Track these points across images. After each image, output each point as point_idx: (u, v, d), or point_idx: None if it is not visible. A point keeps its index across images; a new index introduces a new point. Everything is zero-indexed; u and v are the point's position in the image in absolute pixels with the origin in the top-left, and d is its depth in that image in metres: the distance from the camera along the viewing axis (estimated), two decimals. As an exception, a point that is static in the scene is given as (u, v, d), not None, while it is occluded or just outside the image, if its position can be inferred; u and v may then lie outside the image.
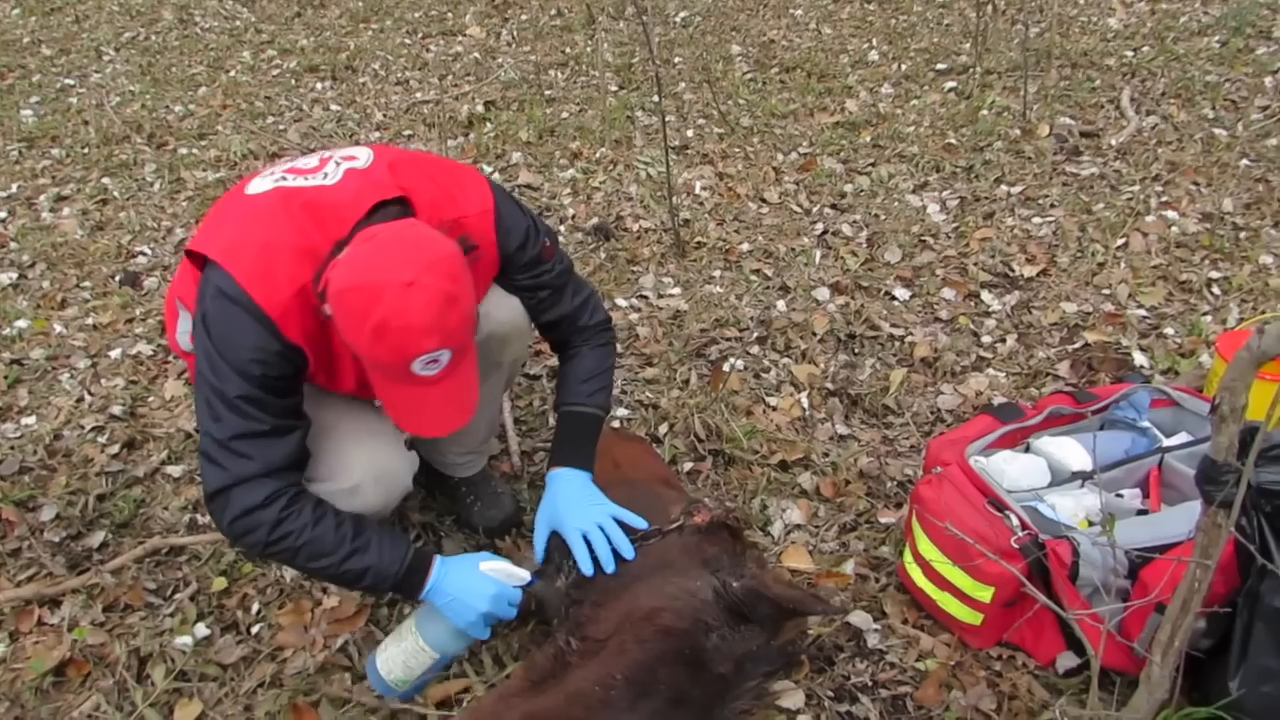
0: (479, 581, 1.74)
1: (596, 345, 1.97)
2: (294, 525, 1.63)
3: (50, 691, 1.89)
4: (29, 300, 3.15)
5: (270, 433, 1.63)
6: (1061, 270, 3.11)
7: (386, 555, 1.69)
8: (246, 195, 1.69)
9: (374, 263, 1.47)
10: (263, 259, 1.58)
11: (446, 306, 1.47)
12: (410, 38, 5.41)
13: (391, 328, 1.45)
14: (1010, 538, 1.76)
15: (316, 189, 1.64)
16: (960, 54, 4.83)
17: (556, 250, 1.93)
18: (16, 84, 4.90)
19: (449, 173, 1.80)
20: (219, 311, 1.58)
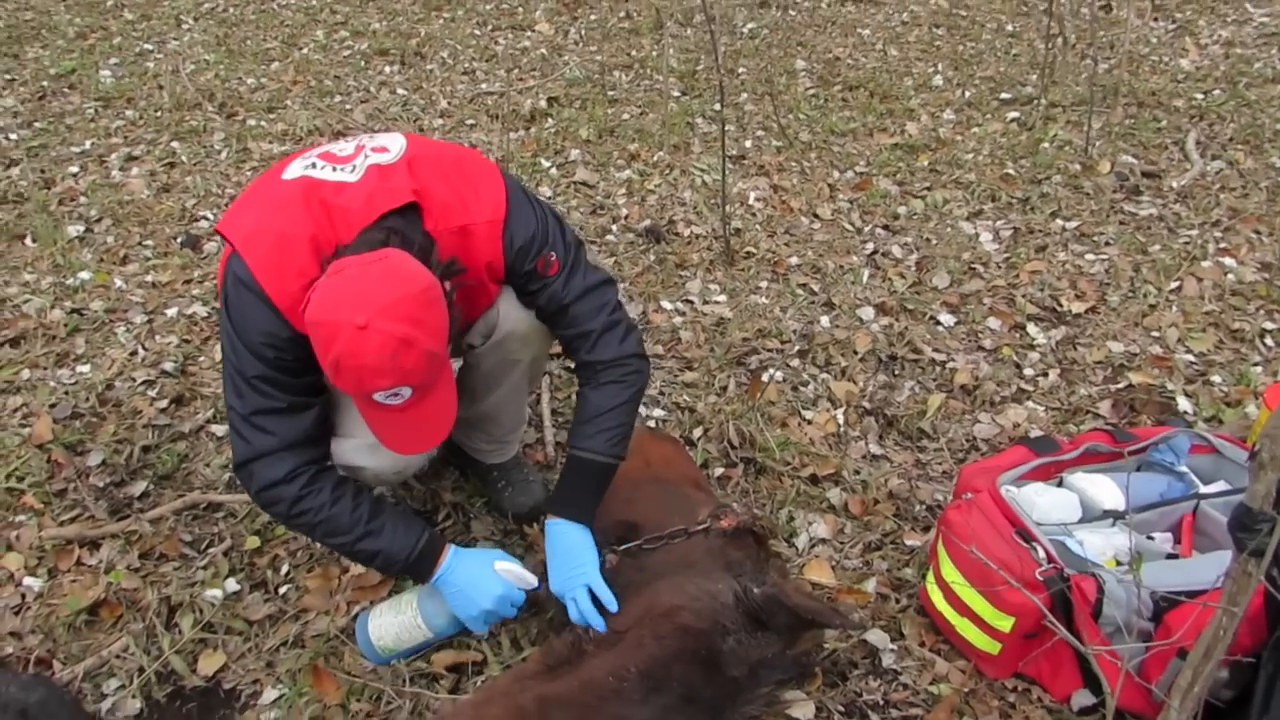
0: (488, 580, 1.79)
1: (602, 384, 1.85)
2: (313, 503, 1.71)
3: (82, 629, 1.95)
4: (93, 253, 3.23)
5: (287, 410, 1.70)
6: (1111, 309, 3.08)
7: (399, 540, 1.76)
8: (279, 180, 1.73)
9: (335, 300, 1.50)
10: (276, 251, 1.63)
11: (400, 349, 1.49)
12: (480, 29, 5.46)
13: (345, 367, 1.50)
14: (1036, 569, 1.76)
15: (337, 186, 1.67)
16: (1026, 85, 4.79)
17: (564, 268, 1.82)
18: (98, 45, 5.01)
19: (467, 176, 1.79)
20: (236, 296, 1.65)
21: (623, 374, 1.86)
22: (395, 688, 1.83)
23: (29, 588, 2.03)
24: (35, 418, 2.47)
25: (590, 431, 1.85)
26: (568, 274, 1.83)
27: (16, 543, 2.13)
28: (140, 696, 1.84)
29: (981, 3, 6.19)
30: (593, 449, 1.84)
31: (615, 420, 1.85)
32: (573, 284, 1.83)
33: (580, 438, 1.86)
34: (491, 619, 1.83)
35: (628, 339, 1.87)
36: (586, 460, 1.85)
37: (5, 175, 3.68)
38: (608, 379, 1.85)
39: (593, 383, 1.87)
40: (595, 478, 1.88)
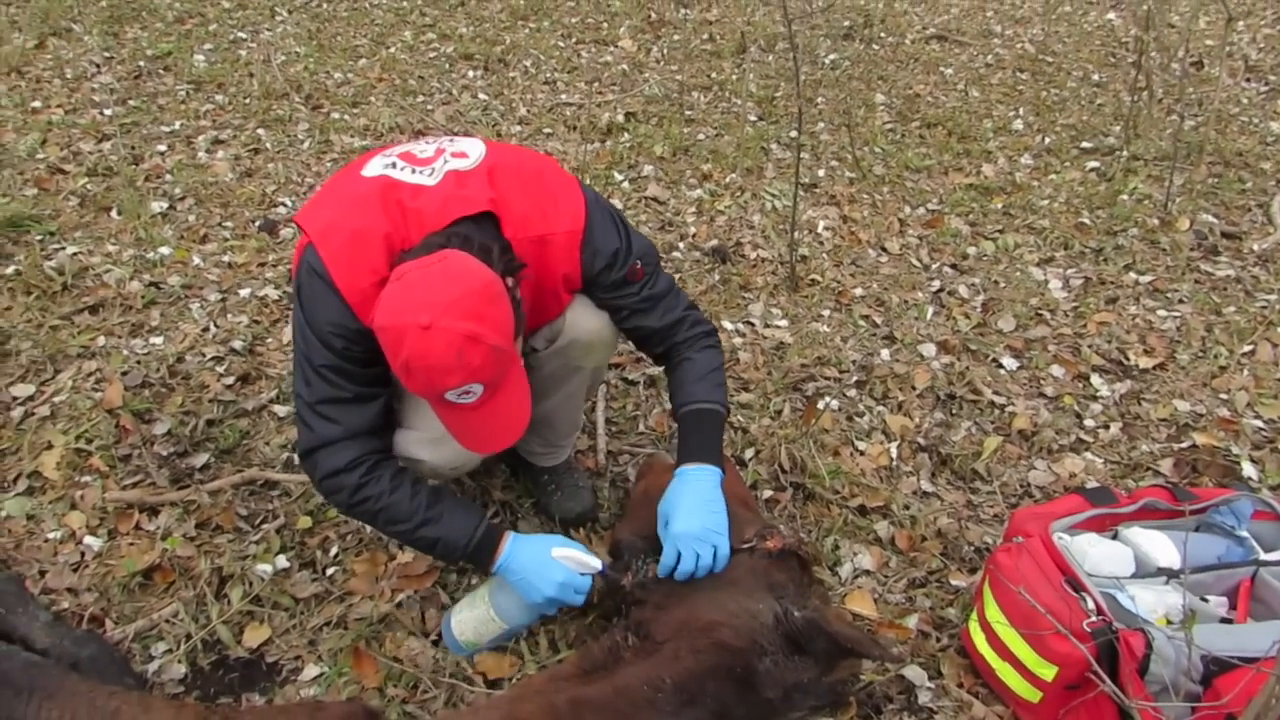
0: (548, 566, 1.79)
1: (704, 348, 1.95)
2: (373, 491, 1.74)
3: (136, 591, 2.01)
4: (174, 230, 3.32)
5: (353, 400, 1.74)
6: (1180, 367, 3.03)
7: (458, 529, 1.78)
8: (359, 176, 1.77)
9: (398, 304, 1.54)
10: (350, 247, 1.67)
11: (466, 346, 1.51)
12: (564, 41, 5.53)
13: (414, 368, 1.53)
14: (1084, 620, 1.73)
15: (415, 188, 1.71)
16: (1108, 136, 4.74)
17: (649, 272, 1.91)
18: (194, 30, 5.16)
19: (547, 187, 1.82)
20: (309, 286, 1.69)
21: (715, 342, 1.99)
22: (432, 677, 1.86)
23: (89, 547, 2.09)
24: (107, 384, 2.54)
25: (706, 386, 1.92)
26: (654, 275, 1.92)
27: (80, 502, 2.20)
28: (186, 662, 1.88)
29: (1069, 51, 6.14)
30: (714, 399, 1.92)
31: (720, 377, 1.95)
32: (659, 282, 1.94)
33: (696, 393, 1.92)
34: (557, 604, 1.83)
35: (705, 318, 2.01)
36: (709, 410, 1.91)
37: (97, 149, 3.80)
38: (705, 345, 1.96)
39: (694, 347, 1.95)
40: (717, 427, 1.92)
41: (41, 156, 3.69)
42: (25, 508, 2.16)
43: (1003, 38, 6.35)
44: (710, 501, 1.83)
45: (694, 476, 1.86)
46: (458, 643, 1.89)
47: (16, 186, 3.46)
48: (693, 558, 1.78)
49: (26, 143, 3.73)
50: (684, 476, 1.86)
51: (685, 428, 1.93)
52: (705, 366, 1.94)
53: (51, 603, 1.95)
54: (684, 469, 1.87)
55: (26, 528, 2.13)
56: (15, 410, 2.45)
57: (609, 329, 1.96)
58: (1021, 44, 6.22)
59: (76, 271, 2.99)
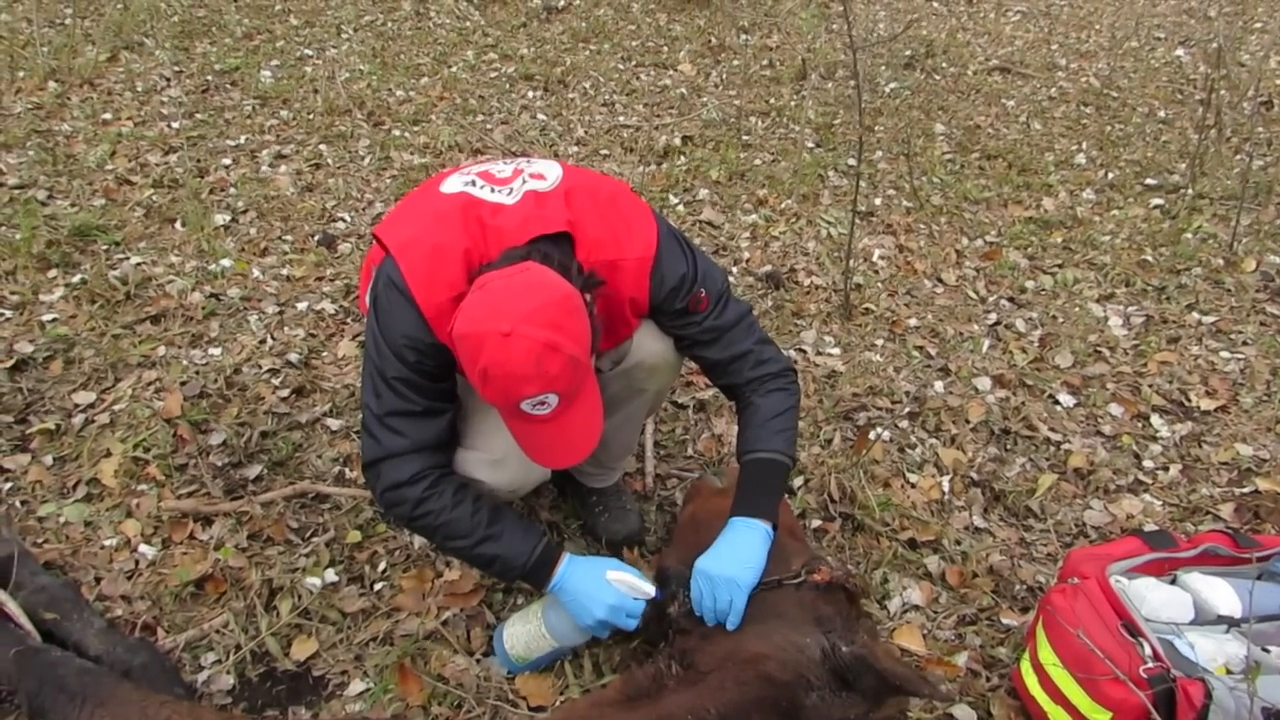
0: (601, 589, 1.79)
1: (771, 391, 1.91)
2: (435, 505, 1.74)
3: (188, 601, 2.03)
4: (236, 243, 3.38)
5: (422, 413, 1.75)
6: (1243, 410, 2.96)
7: (516, 547, 1.78)
8: (438, 192, 1.79)
9: (480, 312, 1.54)
10: (430, 261, 1.68)
11: (545, 354, 1.51)
12: (624, 64, 5.57)
13: (493, 375, 1.53)
14: (1140, 666, 1.69)
15: (494, 206, 1.73)
16: (1174, 173, 4.66)
17: (714, 302, 1.89)
18: (262, 46, 5.27)
19: (621, 212, 1.82)
20: (387, 299, 1.71)
21: (786, 383, 1.94)
22: (476, 696, 1.85)
23: (143, 555, 2.12)
24: (167, 393, 2.58)
25: (769, 433, 1.88)
26: (721, 306, 1.89)
27: (136, 510, 2.23)
28: (234, 673, 1.90)
29: (1135, 86, 6.06)
30: (775, 448, 1.88)
31: (788, 422, 1.91)
32: (727, 314, 1.90)
33: (759, 440, 1.88)
34: (608, 627, 1.83)
35: (780, 354, 1.96)
36: (769, 460, 1.88)
37: (164, 161, 3.88)
38: (774, 387, 1.92)
39: (760, 391, 1.91)
40: (777, 477, 1.89)
41: (110, 168, 3.78)
42: (83, 514, 2.20)
43: (1067, 71, 6.28)
44: (745, 556, 1.80)
45: (741, 529, 1.83)
46: (508, 656, 1.89)
47: (85, 196, 3.55)
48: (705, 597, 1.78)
49: (96, 154, 3.83)
50: (733, 527, 1.84)
51: (744, 477, 1.90)
52: (771, 410, 1.91)
53: (106, 609, 1.98)
54: (734, 520, 1.85)
55: (84, 534, 2.17)
56: (76, 417, 2.50)
57: (674, 354, 1.96)
58: (1086, 78, 6.15)
59: (140, 281, 3.05)
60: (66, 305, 2.91)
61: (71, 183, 3.63)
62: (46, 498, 2.23)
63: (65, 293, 2.96)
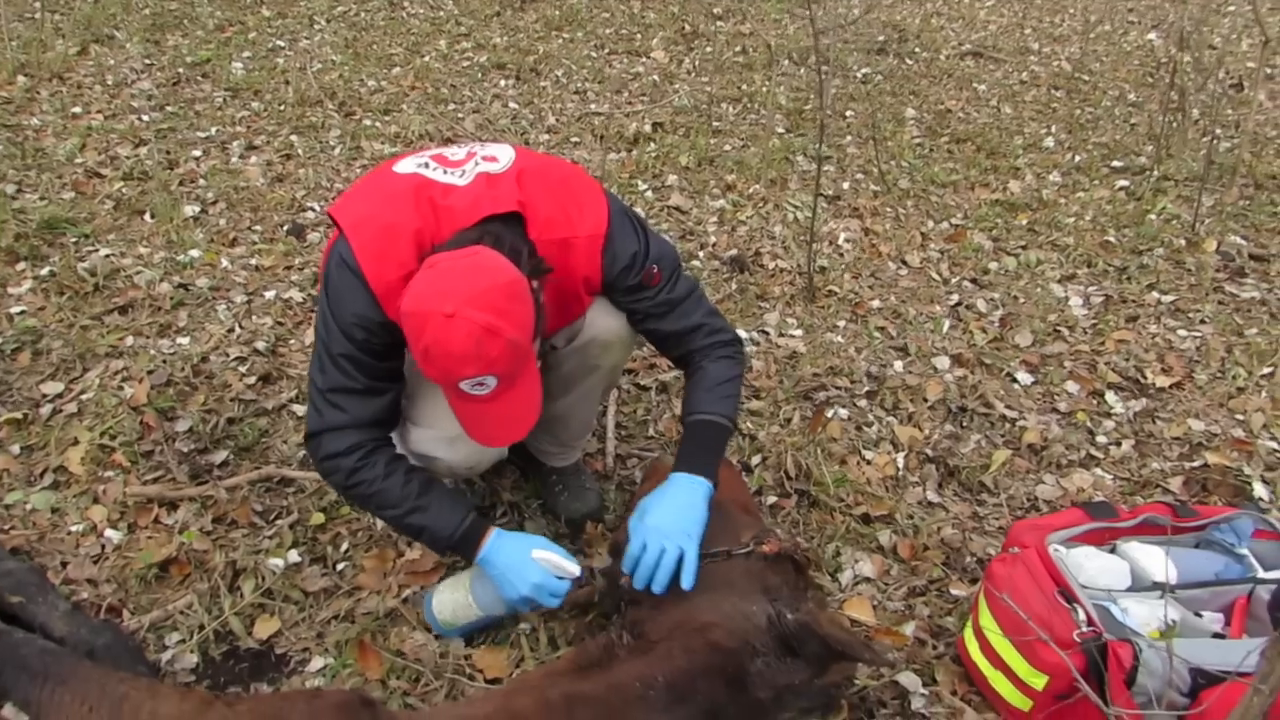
0: (526, 566, 1.84)
1: (719, 358, 1.98)
2: (367, 475, 1.81)
3: (152, 583, 2.07)
4: (205, 233, 3.41)
5: (364, 391, 1.80)
6: (1197, 387, 3.02)
7: (444, 519, 1.83)
8: (392, 173, 1.83)
9: (426, 291, 1.59)
10: (380, 240, 1.73)
11: (485, 337, 1.56)
12: (597, 51, 5.60)
13: (434, 354, 1.58)
14: (1074, 630, 1.75)
15: (446, 187, 1.77)
16: (1140, 155, 4.72)
17: (666, 276, 1.94)
18: (234, 38, 5.29)
19: (573, 192, 1.87)
20: (338, 277, 1.75)
21: (733, 352, 2.01)
22: (434, 670, 1.90)
23: (109, 540, 2.16)
24: (134, 382, 2.62)
25: (714, 398, 1.95)
26: (673, 281, 1.95)
27: (103, 496, 2.27)
28: (198, 652, 1.94)
29: (1106, 70, 6.12)
30: (719, 411, 1.95)
31: (732, 389, 1.98)
32: (678, 288, 1.96)
33: (704, 404, 1.95)
34: (532, 604, 1.87)
35: (728, 325, 2.03)
36: (711, 422, 1.95)
37: (134, 154, 3.91)
38: (721, 355, 1.99)
39: (709, 358, 1.98)
40: (718, 439, 1.96)
41: (80, 161, 3.80)
42: (50, 501, 2.23)
43: (1039, 55, 6.34)
44: (690, 506, 1.86)
45: (682, 483, 1.89)
46: (437, 622, 1.95)
47: (54, 190, 3.57)
48: (657, 551, 1.80)
49: (66, 147, 3.85)
50: (673, 481, 1.90)
51: (686, 437, 1.96)
52: (717, 377, 1.97)
53: (72, 593, 2.02)
54: (675, 476, 1.91)
55: (51, 520, 2.20)
56: (44, 407, 2.53)
57: (627, 329, 2.01)
58: (1058, 62, 6.21)
59: (109, 273, 3.08)
60: (35, 297, 2.94)
61: (40, 176, 3.65)
62: (14, 486, 2.27)
63: (34, 285, 2.99)
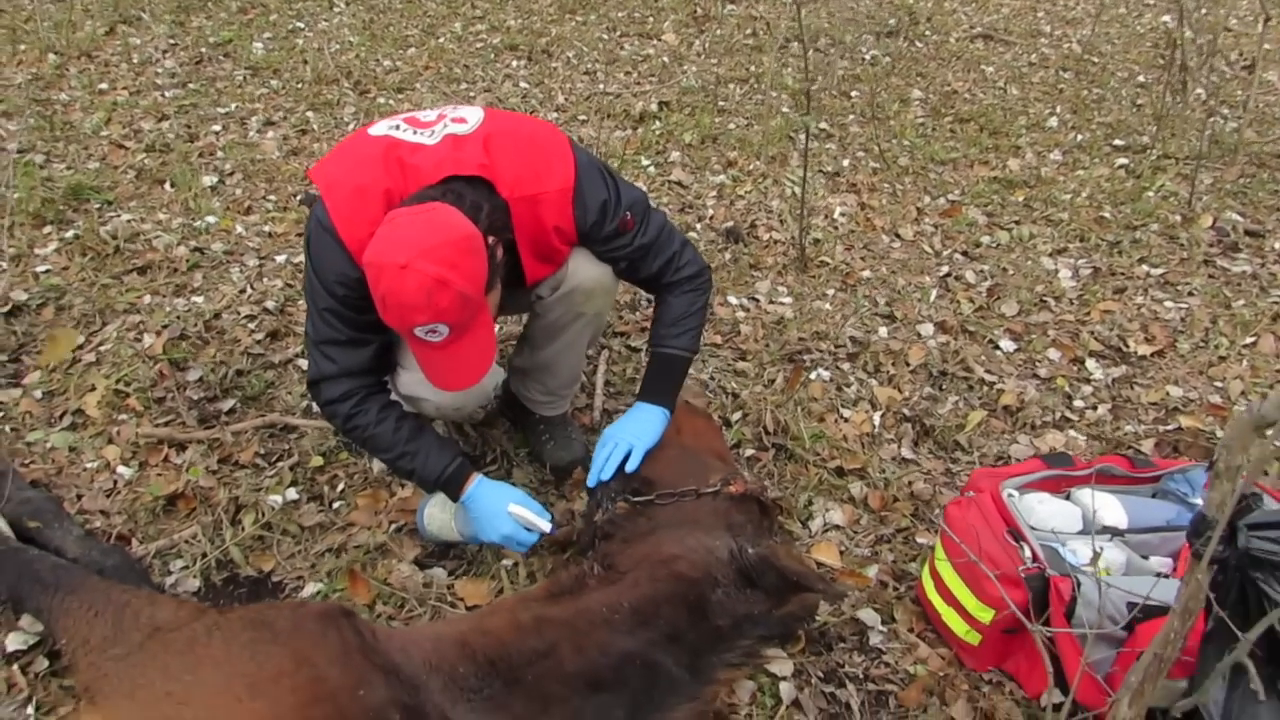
0: (499, 517, 1.99)
1: (684, 292, 2.14)
2: (360, 421, 1.97)
3: (160, 515, 2.22)
4: (221, 202, 3.55)
5: (348, 342, 1.95)
6: (1179, 356, 3.09)
7: (431, 464, 1.99)
8: (367, 135, 1.96)
9: (382, 244, 1.72)
10: (352, 200, 1.86)
11: (435, 289, 1.68)
12: (609, 34, 5.70)
13: (389, 303, 1.72)
14: (1019, 566, 1.85)
15: (414, 147, 1.89)
16: (1143, 135, 4.77)
17: (639, 220, 2.07)
18: (255, 19, 5.43)
19: (540, 149, 1.98)
20: (317, 236, 1.90)
21: (700, 284, 2.17)
22: (419, 597, 2.03)
23: (121, 475, 2.30)
24: (150, 335, 2.76)
25: (677, 332, 2.15)
26: (645, 223, 2.08)
27: (117, 437, 2.41)
28: (200, 577, 2.07)
29: (1117, 52, 6.15)
30: (680, 345, 2.16)
31: (696, 321, 2.17)
32: (650, 228, 2.09)
33: (667, 338, 2.16)
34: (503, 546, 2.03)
35: (696, 255, 2.17)
36: (673, 355, 2.17)
37: (156, 127, 4.05)
38: (688, 289, 2.15)
39: (675, 291, 2.15)
40: (679, 370, 2.19)
41: (105, 134, 3.95)
42: (68, 441, 2.38)
43: (1050, 38, 6.37)
44: (644, 422, 2.15)
45: (642, 408, 2.18)
46: (425, 530, 2.14)
47: (80, 160, 3.73)
48: (609, 448, 2.10)
49: (92, 121, 4.00)
50: (635, 407, 2.18)
51: (650, 368, 2.20)
52: (683, 310, 2.15)
53: (85, 522, 2.15)
54: (638, 404, 2.18)
55: (68, 458, 2.34)
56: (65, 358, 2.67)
57: (609, 276, 2.13)
58: (1069, 44, 6.24)
59: (129, 236, 3.22)
60: (59, 258, 3.09)
61: (68, 147, 3.81)
62: (35, 426, 2.41)
63: (59, 246, 3.14)
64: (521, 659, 1.69)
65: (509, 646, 1.70)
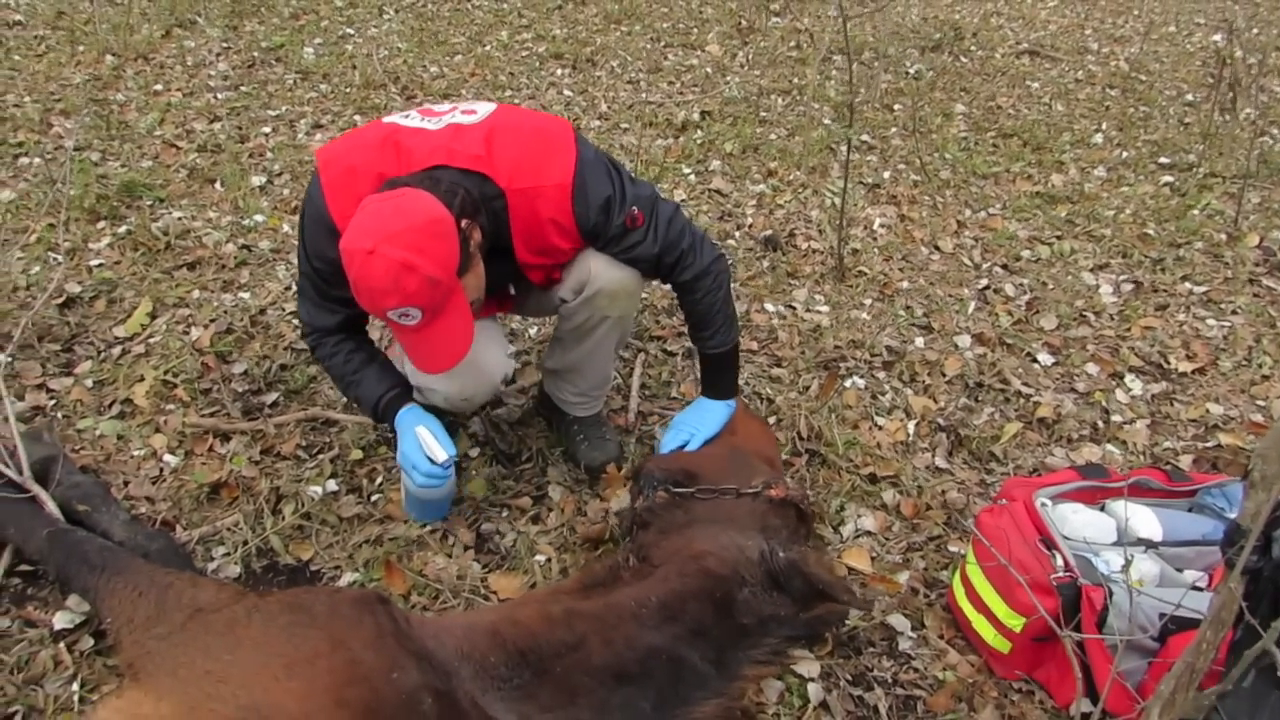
0: (404, 437, 2.08)
1: (705, 291, 2.16)
2: (321, 354, 2.17)
3: (204, 503, 2.27)
4: (269, 201, 3.62)
5: (315, 304, 2.11)
6: (1220, 374, 3.07)
7: (370, 390, 2.13)
8: (378, 122, 2.04)
9: (354, 230, 1.77)
10: (344, 178, 1.93)
11: (402, 273, 1.73)
12: (653, 44, 5.74)
13: (359, 288, 1.79)
14: (1051, 574, 1.84)
15: (414, 131, 1.95)
16: (1190, 153, 4.73)
17: (649, 214, 2.07)
18: (307, 25, 5.53)
19: (543, 142, 2.00)
20: (308, 210, 2.01)
21: (718, 279, 2.18)
22: (452, 589, 2.06)
23: (167, 463, 2.36)
24: (198, 328, 2.82)
25: (710, 333, 2.22)
26: (653, 218, 2.09)
27: (164, 426, 2.47)
28: (241, 564, 2.12)
29: (1165, 70, 6.11)
30: (720, 344, 2.24)
31: (725, 314, 2.22)
32: (658, 224, 2.10)
33: (706, 341, 2.24)
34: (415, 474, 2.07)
35: (706, 246, 2.17)
36: (720, 353, 2.26)
37: (208, 128, 4.14)
38: (709, 287, 2.17)
39: (695, 291, 2.17)
40: (729, 362, 2.29)
41: (158, 133, 4.04)
42: (117, 429, 2.44)
43: (1097, 55, 6.35)
44: (709, 413, 2.29)
45: (706, 404, 2.31)
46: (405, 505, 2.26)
47: (135, 158, 3.82)
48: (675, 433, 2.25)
49: (146, 120, 4.10)
50: (699, 403, 2.32)
51: (707, 366, 2.30)
52: (708, 310, 2.19)
53: (131, 507, 2.21)
54: (700, 399, 2.32)
55: (116, 445, 2.40)
56: (115, 349, 2.74)
57: (633, 279, 2.15)
58: (1116, 61, 6.21)
59: (180, 233, 3.30)
60: (112, 252, 3.17)
61: (122, 146, 3.90)
62: (85, 414, 2.48)
63: (112, 241, 3.22)
64: (551, 650, 1.71)
65: (539, 638, 1.73)
